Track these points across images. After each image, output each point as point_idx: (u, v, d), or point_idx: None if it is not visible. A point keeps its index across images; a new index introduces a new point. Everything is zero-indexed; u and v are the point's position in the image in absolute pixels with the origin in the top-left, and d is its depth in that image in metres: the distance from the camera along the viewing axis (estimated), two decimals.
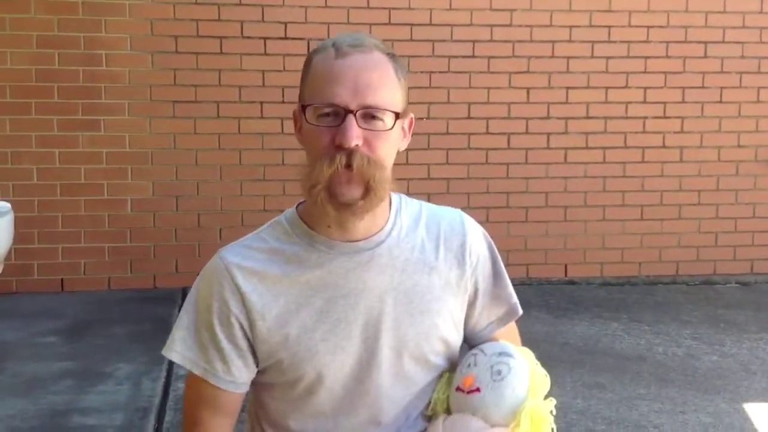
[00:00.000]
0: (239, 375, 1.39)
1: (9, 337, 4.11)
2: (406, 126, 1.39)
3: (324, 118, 1.29)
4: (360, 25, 4.96)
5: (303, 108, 1.33)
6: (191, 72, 4.93)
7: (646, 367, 3.85)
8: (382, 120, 1.30)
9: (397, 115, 1.32)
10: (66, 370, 3.67)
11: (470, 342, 1.50)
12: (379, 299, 1.38)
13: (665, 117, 5.34)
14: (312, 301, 1.36)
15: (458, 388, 1.35)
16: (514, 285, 1.55)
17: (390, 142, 1.33)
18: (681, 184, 5.40)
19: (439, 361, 1.44)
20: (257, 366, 1.41)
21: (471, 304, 1.46)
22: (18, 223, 4.18)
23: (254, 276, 1.36)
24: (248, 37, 4.97)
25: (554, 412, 1.34)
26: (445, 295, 1.41)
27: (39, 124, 4.83)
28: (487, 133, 5.21)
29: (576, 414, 3.32)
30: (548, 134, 5.27)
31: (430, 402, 1.41)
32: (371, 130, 1.29)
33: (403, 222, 1.43)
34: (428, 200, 1.54)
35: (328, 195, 1.30)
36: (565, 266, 5.35)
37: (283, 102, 4.98)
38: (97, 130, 4.89)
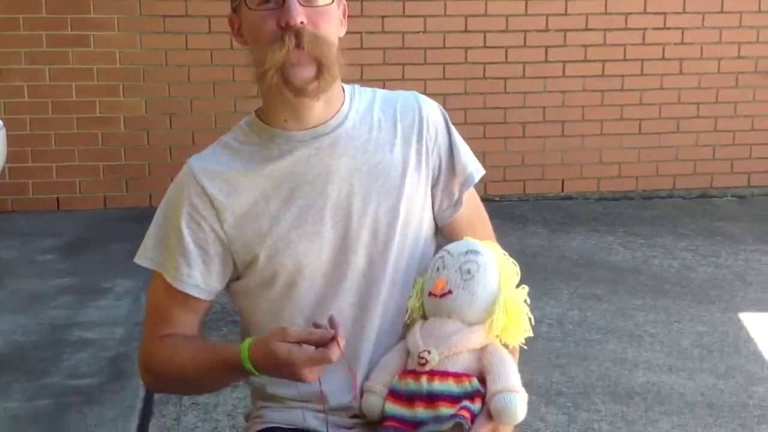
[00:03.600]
0: (203, 279, 1.40)
1: (7, 254, 4.12)
2: (341, 13, 1.41)
3: (265, 5, 1.33)
4: None
5: (239, 5, 1.37)
6: None
7: (641, 279, 3.88)
8: None
9: None
10: (65, 286, 3.69)
11: (440, 226, 1.49)
12: (344, 181, 1.39)
13: (665, 28, 5.25)
14: (278, 191, 1.39)
15: (431, 293, 1.35)
16: (511, 201, 1.55)
17: (333, 20, 1.36)
18: (680, 96, 5.35)
19: (418, 244, 1.44)
20: (234, 271, 1.42)
21: (435, 181, 1.46)
22: (11, 141, 4.15)
23: (219, 177, 1.39)
24: None
25: (528, 301, 1.34)
26: (408, 170, 1.42)
27: (27, 40, 4.73)
28: (485, 46, 5.12)
29: (572, 324, 3.35)
30: (546, 47, 5.18)
31: (407, 311, 1.41)
32: (312, 6, 1.33)
33: (359, 106, 1.45)
34: None
35: (282, 79, 1.33)
36: (562, 181, 5.33)
37: None
38: (87, 46, 4.80)
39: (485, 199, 1.56)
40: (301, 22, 1.30)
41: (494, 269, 1.34)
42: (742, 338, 3.26)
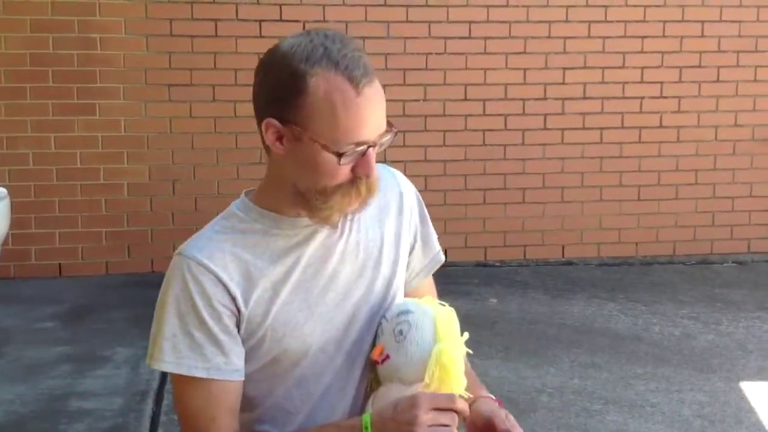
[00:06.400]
0: (238, 361, 1.39)
1: (8, 322, 4.12)
2: None
3: (347, 155, 1.31)
4: (356, 6, 4.93)
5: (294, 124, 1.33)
6: (186, 55, 4.91)
7: (642, 347, 3.87)
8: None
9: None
10: (65, 354, 3.68)
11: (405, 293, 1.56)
12: (342, 260, 1.44)
13: (662, 97, 5.33)
14: (285, 278, 1.40)
15: (375, 362, 1.39)
16: (511, 267, 1.60)
17: None
18: (678, 164, 5.40)
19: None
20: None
21: (410, 253, 1.55)
22: (15, 208, 4.18)
23: (229, 264, 1.37)
24: (243, 20, 4.94)
25: (464, 350, 1.36)
26: (394, 245, 1.50)
27: (34, 108, 4.81)
28: (484, 114, 5.20)
29: (572, 394, 3.33)
30: (545, 115, 5.26)
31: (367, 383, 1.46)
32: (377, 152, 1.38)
33: None
34: (425, 183, 1.58)
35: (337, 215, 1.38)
36: (562, 247, 5.35)
37: None
38: (93, 115, 4.87)
39: (485, 265, 1.62)
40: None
41: (428, 324, 1.35)
42: (744, 408, 3.24)
